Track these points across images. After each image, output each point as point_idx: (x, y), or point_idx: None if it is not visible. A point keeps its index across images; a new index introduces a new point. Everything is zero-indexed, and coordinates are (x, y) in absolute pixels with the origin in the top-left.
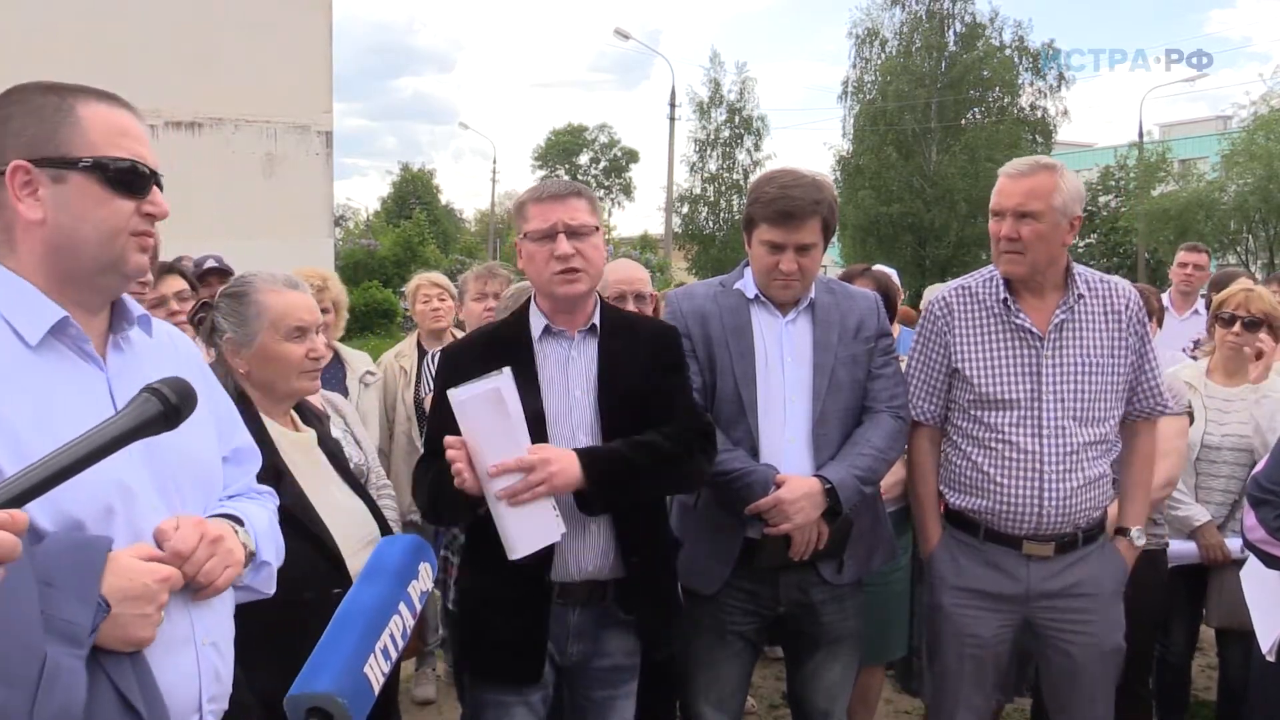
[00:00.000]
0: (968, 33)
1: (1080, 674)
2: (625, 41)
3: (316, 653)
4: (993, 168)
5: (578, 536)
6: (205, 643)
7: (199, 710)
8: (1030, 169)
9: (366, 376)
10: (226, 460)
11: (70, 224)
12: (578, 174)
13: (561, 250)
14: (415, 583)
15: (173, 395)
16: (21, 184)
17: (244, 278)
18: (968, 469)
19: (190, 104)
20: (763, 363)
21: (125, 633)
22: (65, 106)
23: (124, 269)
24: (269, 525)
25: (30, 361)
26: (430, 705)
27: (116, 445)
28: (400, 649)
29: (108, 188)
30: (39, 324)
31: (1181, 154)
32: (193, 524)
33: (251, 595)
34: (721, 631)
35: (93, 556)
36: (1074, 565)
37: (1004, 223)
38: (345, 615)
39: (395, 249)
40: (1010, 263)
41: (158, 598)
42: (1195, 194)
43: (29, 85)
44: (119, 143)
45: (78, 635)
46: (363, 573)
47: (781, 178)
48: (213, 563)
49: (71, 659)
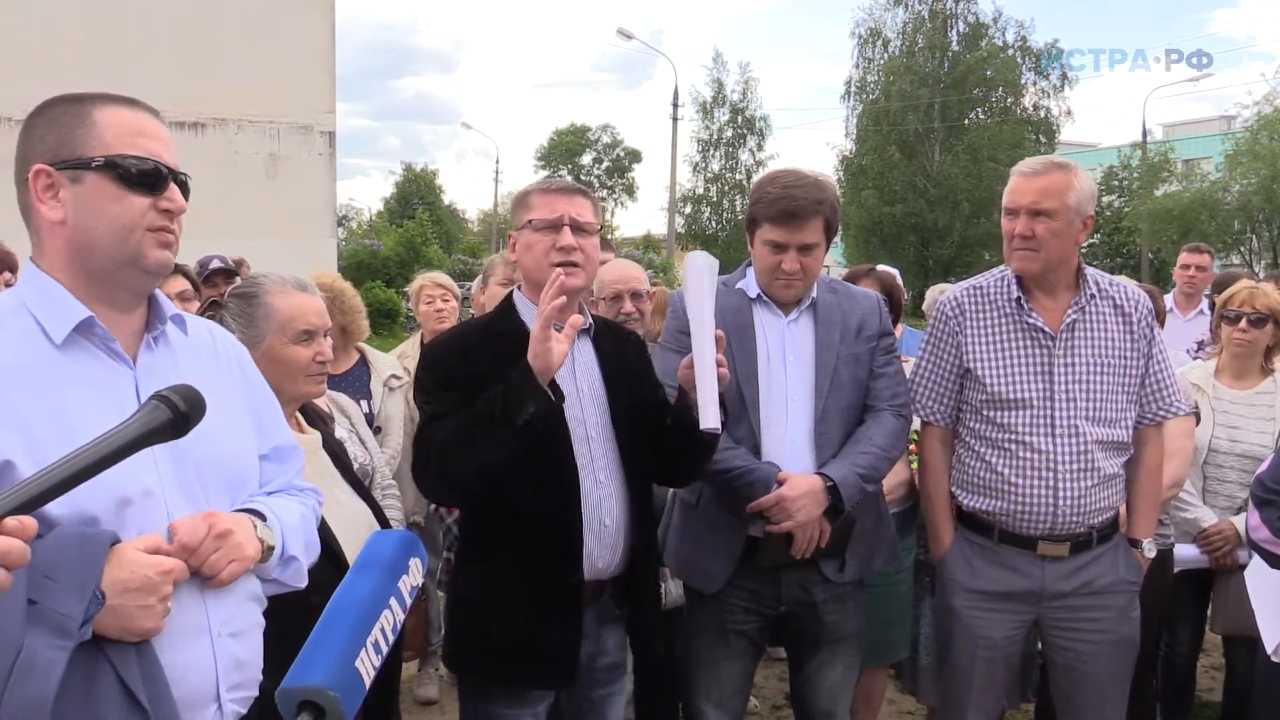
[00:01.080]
0: (971, 32)
1: (1092, 674)
2: (628, 41)
3: (308, 646)
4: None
5: (594, 537)
6: (222, 633)
7: (217, 699)
8: (1045, 168)
9: (392, 380)
10: (266, 458)
11: (88, 222)
12: (581, 174)
13: (565, 241)
14: (405, 577)
15: (181, 403)
16: (44, 187)
17: (254, 278)
18: (981, 470)
19: (193, 104)
20: (764, 362)
21: (127, 623)
22: (83, 112)
23: (143, 264)
24: (300, 521)
25: (55, 360)
26: (433, 705)
27: (124, 453)
28: (390, 643)
29: (121, 185)
30: (65, 323)
31: (1185, 154)
32: (201, 518)
33: (281, 589)
34: (723, 630)
35: (94, 550)
36: (1089, 564)
37: (1018, 220)
38: (336, 609)
39: (398, 249)
40: (1024, 260)
41: (159, 589)
42: (1199, 194)
43: (54, 98)
44: (134, 142)
45: (67, 627)
46: (353, 566)
47: (784, 178)
48: (217, 556)
49: (54, 650)
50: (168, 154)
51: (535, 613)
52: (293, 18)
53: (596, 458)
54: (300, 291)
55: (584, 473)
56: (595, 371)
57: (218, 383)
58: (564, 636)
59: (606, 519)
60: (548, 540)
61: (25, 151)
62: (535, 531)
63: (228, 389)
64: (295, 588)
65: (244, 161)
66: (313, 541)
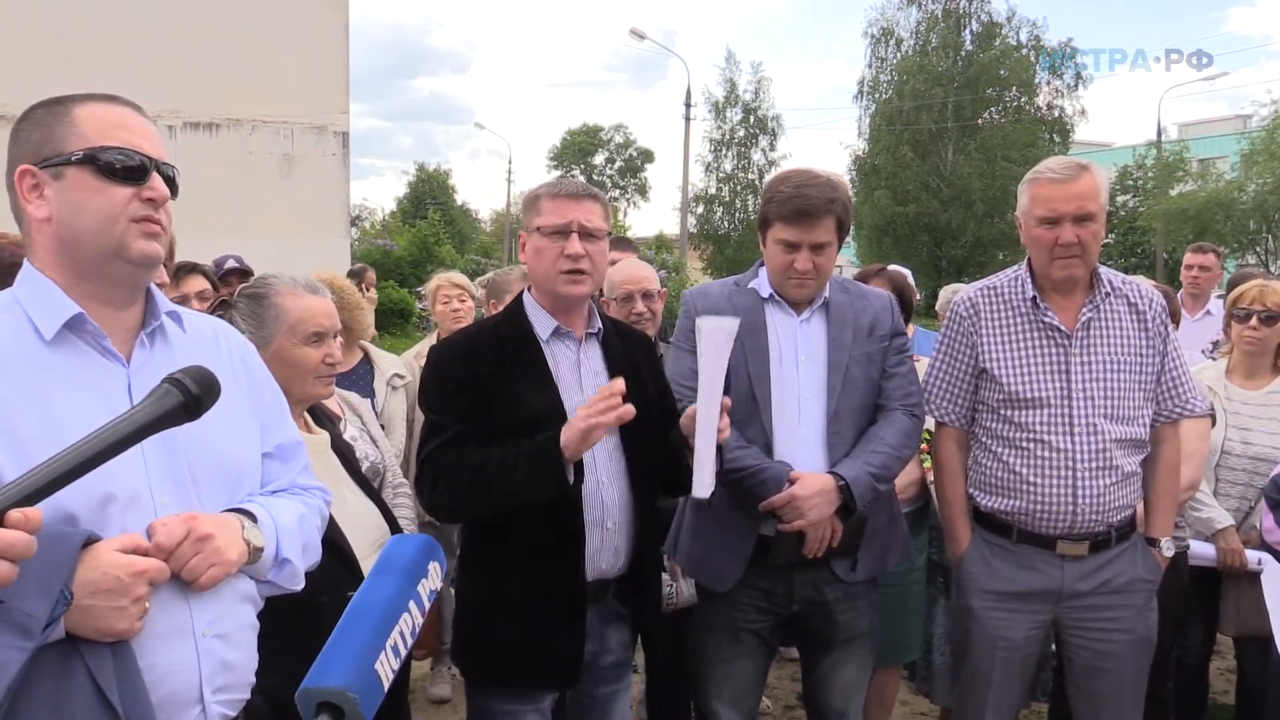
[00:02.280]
0: (984, 31)
1: (1111, 673)
2: (640, 41)
3: (328, 648)
4: (1010, 168)
5: (597, 538)
6: (207, 634)
7: (201, 701)
8: (1075, 171)
9: (395, 379)
10: (269, 456)
11: (70, 216)
12: (593, 174)
13: (573, 250)
14: (425, 581)
15: (194, 385)
16: (29, 187)
17: (264, 279)
18: (999, 470)
19: (208, 105)
20: (777, 361)
21: (99, 624)
22: (63, 111)
23: (128, 254)
24: (298, 522)
25: (44, 357)
26: (445, 704)
27: (136, 438)
28: (409, 647)
29: (101, 176)
30: (55, 319)
31: (1200, 153)
32: (182, 519)
33: (275, 590)
34: (735, 629)
35: (66, 549)
36: (1107, 564)
37: (1062, 229)
38: (357, 611)
39: (411, 249)
40: (1071, 267)
41: (131, 590)
42: (1214, 193)
43: (38, 102)
44: (114, 134)
45: (30, 627)
46: (373, 570)
47: (796, 177)
48: (197, 560)
49: (13, 650)
50: (150, 145)
51: (539, 613)
52: (307, 19)
53: (600, 460)
54: (311, 293)
55: (589, 476)
56: (602, 374)
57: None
58: (568, 636)
59: (609, 521)
60: (551, 541)
61: (12, 155)
62: (539, 533)
63: (229, 386)
64: (291, 590)
65: (258, 162)
66: (313, 543)
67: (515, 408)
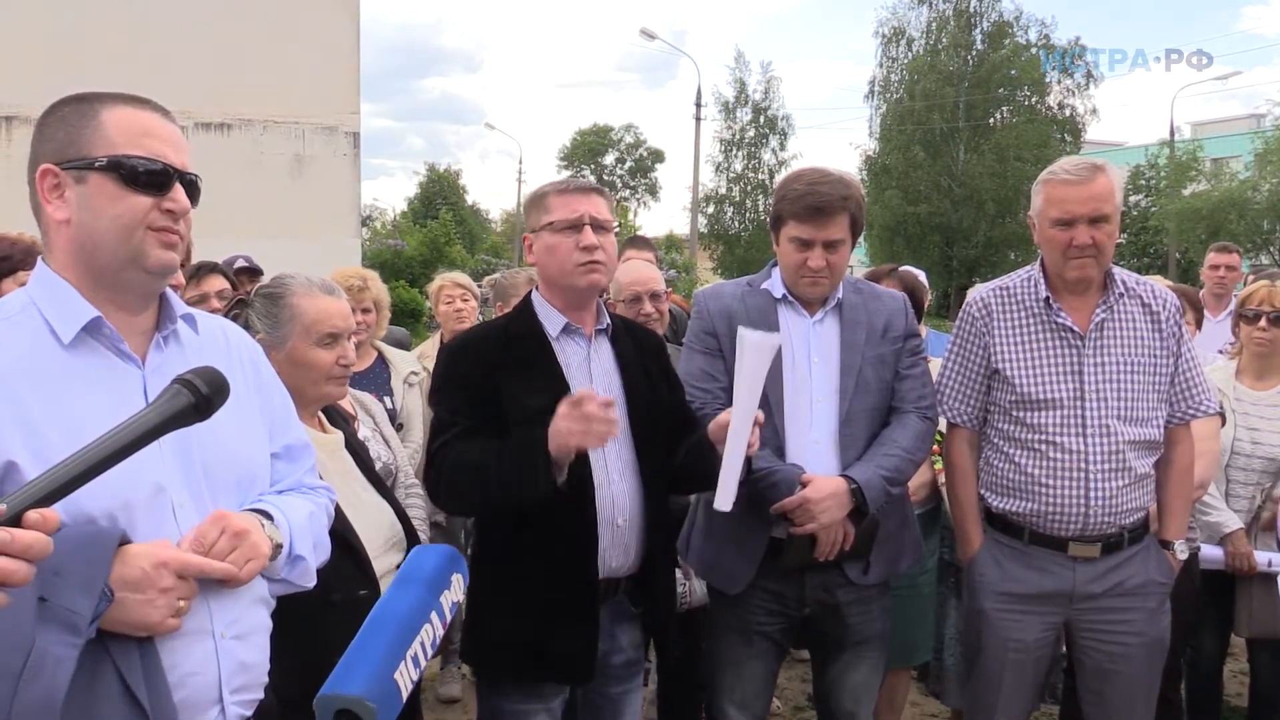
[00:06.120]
0: (995, 31)
1: (1124, 675)
2: (651, 41)
3: (348, 655)
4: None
5: (609, 535)
6: (225, 635)
7: (220, 701)
8: (1090, 172)
9: (411, 377)
10: (278, 456)
11: (90, 221)
12: (603, 174)
13: (588, 241)
14: (448, 592)
15: (204, 385)
16: (50, 187)
17: (281, 279)
18: (1011, 471)
19: (219, 105)
20: (789, 362)
21: (129, 617)
22: (90, 111)
23: (144, 264)
24: (308, 520)
25: (63, 360)
26: (455, 704)
27: (148, 438)
28: (429, 657)
29: (123, 184)
30: (73, 323)
31: (1213, 153)
32: (214, 518)
33: (288, 589)
34: (746, 631)
35: (103, 546)
36: (1120, 566)
37: (1077, 230)
38: (378, 620)
39: (421, 249)
40: (1086, 268)
41: (156, 581)
42: (1227, 193)
43: (65, 98)
44: (140, 142)
45: (77, 624)
46: (396, 579)
47: (809, 174)
48: (235, 555)
49: (65, 648)
50: (175, 154)
51: (549, 610)
52: (318, 19)
53: (612, 457)
54: (326, 295)
55: (599, 472)
56: (614, 372)
57: (229, 381)
58: (579, 634)
59: (620, 519)
60: (562, 538)
61: (36, 151)
62: (550, 530)
63: (239, 387)
64: (303, 587)
65: (269, 162)
66: (322, 541)
67: (525, 403)
